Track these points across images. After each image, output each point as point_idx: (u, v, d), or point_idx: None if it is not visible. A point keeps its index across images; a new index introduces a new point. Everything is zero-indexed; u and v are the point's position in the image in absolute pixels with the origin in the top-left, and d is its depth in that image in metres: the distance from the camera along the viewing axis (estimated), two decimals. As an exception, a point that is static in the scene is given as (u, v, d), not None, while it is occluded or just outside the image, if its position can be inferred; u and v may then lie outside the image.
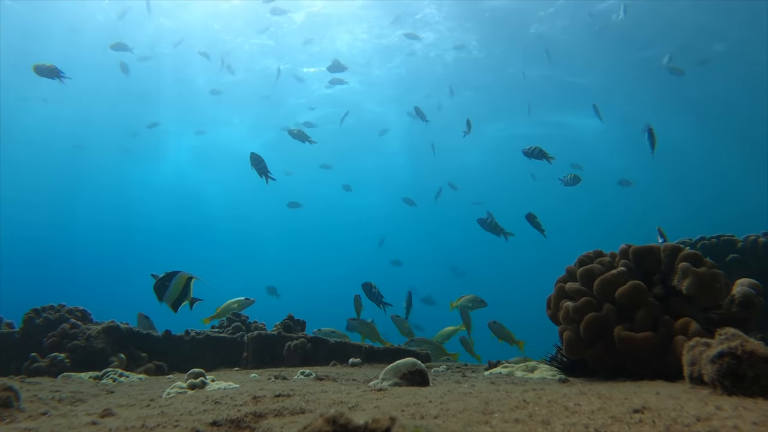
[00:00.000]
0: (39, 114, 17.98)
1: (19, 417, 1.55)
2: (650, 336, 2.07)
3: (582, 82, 16.17)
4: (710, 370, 1.22)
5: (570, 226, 23.68)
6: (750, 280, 2.25)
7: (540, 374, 2.61)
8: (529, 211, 5.26)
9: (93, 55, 14.91)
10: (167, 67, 16.30)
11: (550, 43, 13.85)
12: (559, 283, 2.53)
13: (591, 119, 14.59)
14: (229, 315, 4.77)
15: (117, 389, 2.60)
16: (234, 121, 19.71)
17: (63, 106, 17.50)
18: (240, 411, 1.34)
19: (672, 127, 17.29)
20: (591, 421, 0.96)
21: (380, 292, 4.48)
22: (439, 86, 16.16)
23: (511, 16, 13.42)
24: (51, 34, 14.47)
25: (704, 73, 14.19)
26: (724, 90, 15.57)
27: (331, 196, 21.97)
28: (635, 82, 15.61)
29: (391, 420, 0.77)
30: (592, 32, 13.60)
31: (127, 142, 19.85)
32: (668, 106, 16.56)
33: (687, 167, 21.06)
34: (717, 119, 17.27)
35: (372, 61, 16.18)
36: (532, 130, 18.34)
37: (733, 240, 3.97)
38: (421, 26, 14.44)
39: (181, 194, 25.80)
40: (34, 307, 4.27)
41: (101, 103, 17.73)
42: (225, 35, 15.24)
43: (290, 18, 14.08)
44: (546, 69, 14.82)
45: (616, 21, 12.95)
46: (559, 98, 16.99)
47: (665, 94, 15.79)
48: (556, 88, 16.39)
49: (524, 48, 14.50)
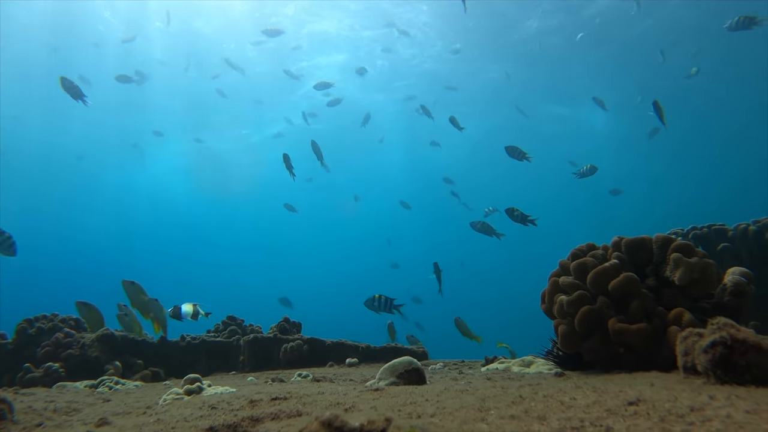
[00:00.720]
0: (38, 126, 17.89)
1: (13, 429, 1.54)
2: (644, 327, 2.08)
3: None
4: (703, 359, 1.23)
5: (564, 221, 23.81)
6: (741, 269, 2.27)
7: (536, 369, 2.62)
8: (509, 206, 5.36)
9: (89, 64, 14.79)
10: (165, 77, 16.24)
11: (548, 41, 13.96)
12: (552, 277, 2.53)
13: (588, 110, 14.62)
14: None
15: (113, 397, 2.58)
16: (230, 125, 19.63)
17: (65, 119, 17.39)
18: (237, 416, 1.33)
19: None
20: (586, 415, 0.96)
21: (387, 297, 4.48)
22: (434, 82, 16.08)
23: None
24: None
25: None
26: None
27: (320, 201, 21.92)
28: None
29: (386, 421, 0.77)
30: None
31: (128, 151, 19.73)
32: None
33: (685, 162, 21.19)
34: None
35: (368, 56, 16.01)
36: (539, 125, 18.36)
37: (723, 229, 4.00)
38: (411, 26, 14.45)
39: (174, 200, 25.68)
40: (27, 317, 4.24)
41: (104, 113, 17.62)
42: (221, 42, 15.17)
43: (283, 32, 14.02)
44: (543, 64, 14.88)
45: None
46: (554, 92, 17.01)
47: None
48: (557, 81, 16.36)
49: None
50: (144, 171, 22.63)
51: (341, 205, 23.27)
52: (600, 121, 18.58)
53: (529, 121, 17.57)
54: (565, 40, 14.26)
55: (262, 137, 20.27)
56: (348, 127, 17.62)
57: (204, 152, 20.59)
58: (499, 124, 18.79)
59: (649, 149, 18.32)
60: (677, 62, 13.48)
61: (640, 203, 23.83)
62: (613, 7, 13.01)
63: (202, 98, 17.13)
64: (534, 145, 5.53)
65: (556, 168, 20.59)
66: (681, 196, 23.66)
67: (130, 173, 22.52)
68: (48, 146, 19.41)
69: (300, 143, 7.37)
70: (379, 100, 18.28)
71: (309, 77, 16.76)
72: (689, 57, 13.49)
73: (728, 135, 19.06)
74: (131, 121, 18.26)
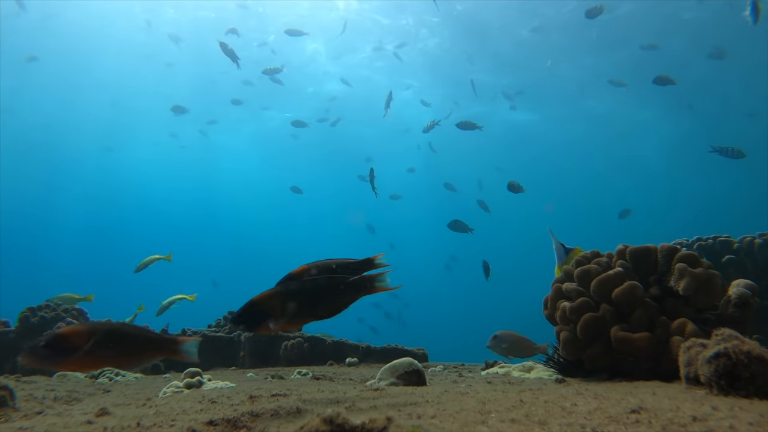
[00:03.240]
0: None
1: (14, 416, 1.54)
2: (647, 336, 2.07)
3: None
4: (706, 370, 1.22)
5: (568, 225, 23.73)
6: (746, 281, 2.25)
7: (537, 375, 2.61)
8: (454, 219, 5.58)
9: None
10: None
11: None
12: (556, 283, 2.53)
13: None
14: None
15: (113, 388, 2.59)
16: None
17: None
18: (236, 410, 1.33)
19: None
20: (588, 422, 0.96)
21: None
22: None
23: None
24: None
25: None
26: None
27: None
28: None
29: (387, 420, 0.77)
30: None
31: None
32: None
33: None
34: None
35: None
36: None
37: (729, 241, 3.98)
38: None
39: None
40: (30, 306, 4.26)
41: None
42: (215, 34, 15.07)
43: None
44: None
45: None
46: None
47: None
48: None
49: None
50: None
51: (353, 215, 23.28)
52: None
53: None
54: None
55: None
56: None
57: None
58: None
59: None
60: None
61: (650, 217, 23.72)
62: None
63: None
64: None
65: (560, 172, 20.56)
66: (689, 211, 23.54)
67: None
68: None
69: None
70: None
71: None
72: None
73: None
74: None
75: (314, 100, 17.63)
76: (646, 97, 15.03)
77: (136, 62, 15.70)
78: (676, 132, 18.10)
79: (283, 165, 22.01)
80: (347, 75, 15.91)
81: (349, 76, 15.89)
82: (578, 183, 22.59)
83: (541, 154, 20.39)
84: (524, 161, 20.19)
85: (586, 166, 21.29)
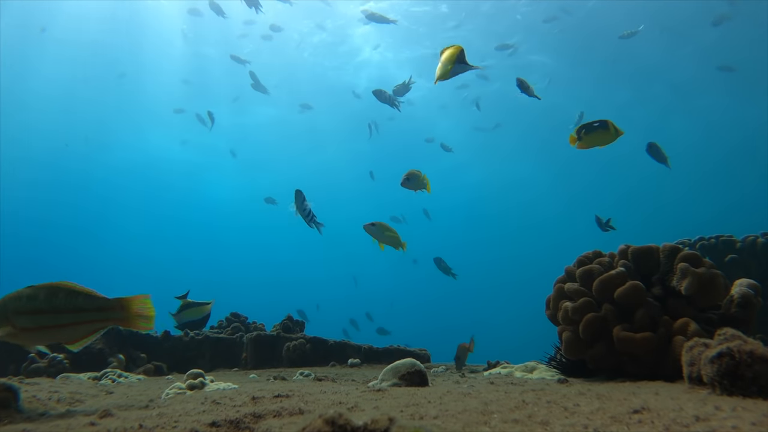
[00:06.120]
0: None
1: (17, 418, 1.55)
2: (649, 336, 2.07)
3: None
4: (709, 370, 1.22)
5: (571, 227, 23.70)
6: (749, 281, 2.25)
7: (539, 375, 2.61)
8: (437, 256, 5.72)
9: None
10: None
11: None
12: (558, 283, 2.53)
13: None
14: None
15: (116, 390, 2.60)
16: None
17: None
18: (239, 412, 1.33)
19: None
20: (590, 422, 0.96)
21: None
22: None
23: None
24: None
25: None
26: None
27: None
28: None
29: (390, 420, 0.77)
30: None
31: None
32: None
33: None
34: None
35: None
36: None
37: (732, 240, 3.98)
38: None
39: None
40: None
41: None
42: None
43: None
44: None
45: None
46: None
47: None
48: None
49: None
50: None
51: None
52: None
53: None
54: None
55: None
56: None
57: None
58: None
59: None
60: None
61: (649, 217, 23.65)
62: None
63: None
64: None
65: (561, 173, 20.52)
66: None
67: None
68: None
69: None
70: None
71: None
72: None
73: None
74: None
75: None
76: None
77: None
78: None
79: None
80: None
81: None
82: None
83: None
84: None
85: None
